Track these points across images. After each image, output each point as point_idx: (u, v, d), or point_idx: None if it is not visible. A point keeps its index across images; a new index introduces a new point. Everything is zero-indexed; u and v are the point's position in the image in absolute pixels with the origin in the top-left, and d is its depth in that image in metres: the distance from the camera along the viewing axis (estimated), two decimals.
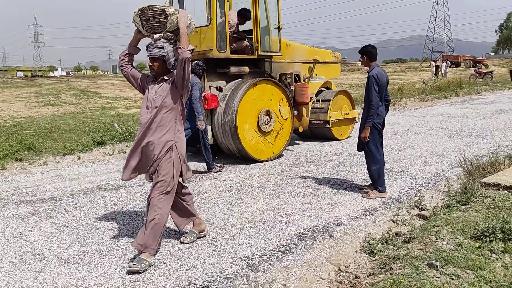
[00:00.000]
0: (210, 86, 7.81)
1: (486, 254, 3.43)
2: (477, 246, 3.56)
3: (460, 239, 3.72)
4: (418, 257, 3.47)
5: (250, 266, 3.71)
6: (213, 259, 3.85)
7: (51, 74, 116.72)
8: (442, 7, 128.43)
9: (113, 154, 8.77)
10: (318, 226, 4.62)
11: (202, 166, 7.49)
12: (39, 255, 4.06)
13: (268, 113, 7.92)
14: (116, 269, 3.71)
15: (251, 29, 8.26)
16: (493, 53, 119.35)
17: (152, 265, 3.71)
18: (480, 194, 4.94)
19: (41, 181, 7.00)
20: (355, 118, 10.45)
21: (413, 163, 7.41)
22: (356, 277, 3.56)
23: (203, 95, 7.25)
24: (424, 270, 3.21)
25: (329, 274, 3.74)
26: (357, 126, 8.67)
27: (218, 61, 7.87)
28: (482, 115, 13.54)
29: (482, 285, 2.95)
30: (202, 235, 4.35)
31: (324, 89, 10.27)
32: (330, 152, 8.68)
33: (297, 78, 9.12)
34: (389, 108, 5.78)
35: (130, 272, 3.57)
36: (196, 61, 7.18)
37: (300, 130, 9.24)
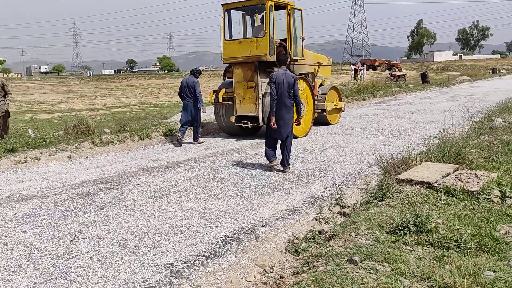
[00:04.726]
0: (261, 82, 10.22)
1: (401, 247, 3.61)
2: (392, 240, 3.74)
3: (377, 234, 3.88)
4: (339, 253, 3.57)
5: (174, 273, 3.60)
6: (135, 268, 3.69)
7: None
8: (359, 14, 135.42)
9: (25, 162, 8.16)
10: (243, 228, 4.61)
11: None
12: None
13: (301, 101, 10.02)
14: (26, 286, 3.43)
15: (283, 39, 10.82)
16: (406, 57, 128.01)
17: None
18: (395, 190, 5.22)
19: None
20: (341, 108, 13.22)
21: (335, 162, 7.67)
22: (281, 277, 3.58)
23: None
24: (345, 266, 3.31)
25: (254, 276, 3.74)
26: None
27: (266, 63, 10.27)
28: (396, 115, 14.40)
29: (397, 277, 3.09)
30: None
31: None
32: (256, 153, 8.75)
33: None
34: None
35: None
36: (195, 68, 10.94)
37: (316, 115, 11.69)
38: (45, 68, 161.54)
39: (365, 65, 41.97)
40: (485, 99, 16.97)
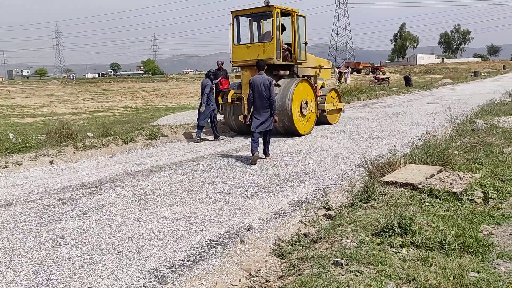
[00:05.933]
0: None
1: (386, 249, 3.62)
2: (378, 242, 3.75)
3: (362, 236, 3.88)
4: (325, 256, 3.56)
5: (158, 279, 3.55)
6: (118, 274, 3.63)
7: None
8: (343, 17, 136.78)
9: (6, 167, 8.00)
10: (229, 232, 4.58)
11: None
12: None
13: (305, 102, 11.44)
14: None
15: (287, 43, 11.60)
16: (389, 61, 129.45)
17: None
18: (380, 192, 5.23)
19: None
20: (341, 108, 13.83)
21: (320, 165, 7.68)
22: (267, 280, 3.55)
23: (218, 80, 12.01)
24: (330, 268, 3.30)
25: (240, 280, 3.71)
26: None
27: (273, 66, 10.94)
28: (380, 118, 14.52)
29: (383, 279, 3.09)
30: None
31: None
32: (241, 157, 8.73)
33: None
34: None
35: None
36: (209, 70, 11.57)
37: (318, 115, 12.37)
38: (27, 72, 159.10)
39: (349, 68, 42.25)
40: (467, 101, 17.22)
